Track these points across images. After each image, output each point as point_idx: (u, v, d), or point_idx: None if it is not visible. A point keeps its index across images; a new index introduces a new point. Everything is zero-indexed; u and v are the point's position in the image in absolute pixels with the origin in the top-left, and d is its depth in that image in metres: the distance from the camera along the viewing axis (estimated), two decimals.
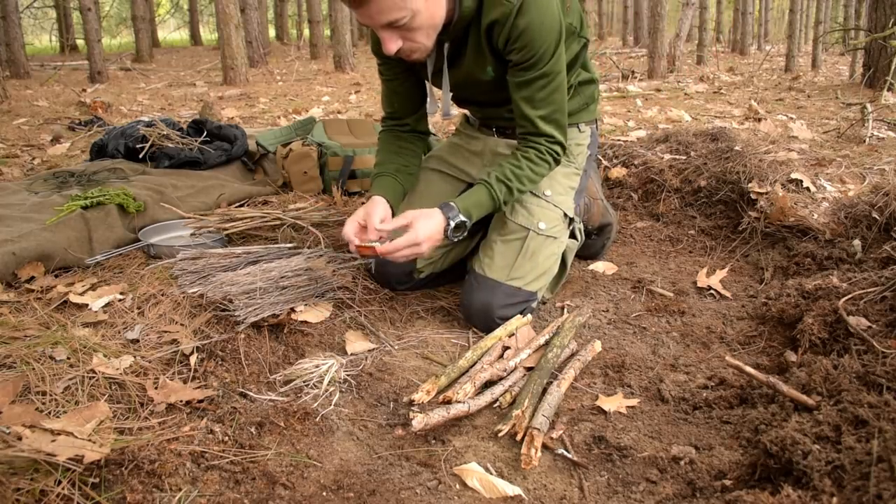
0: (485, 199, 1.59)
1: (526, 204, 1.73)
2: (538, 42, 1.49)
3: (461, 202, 1.57)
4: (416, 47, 1.46)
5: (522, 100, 1.58)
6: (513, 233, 1.71)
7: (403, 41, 1.43)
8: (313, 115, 4.16)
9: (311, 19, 12.99)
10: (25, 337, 1.35)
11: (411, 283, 1.84)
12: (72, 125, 4.12)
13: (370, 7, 1.33)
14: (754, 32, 15.12)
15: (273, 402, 1.32)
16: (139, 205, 2.07)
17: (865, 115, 3.51)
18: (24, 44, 8.87)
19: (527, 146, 1.64)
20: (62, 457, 0.98)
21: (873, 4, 5.77)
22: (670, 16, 8.79)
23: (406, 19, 1.37)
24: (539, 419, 1.23)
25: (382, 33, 1.41)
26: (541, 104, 1.58)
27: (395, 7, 1.34)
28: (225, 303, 1.52)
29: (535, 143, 1.63)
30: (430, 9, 1.40)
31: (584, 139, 1.91)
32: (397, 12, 1.35)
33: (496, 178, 1.60)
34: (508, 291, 1.66)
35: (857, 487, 0.89)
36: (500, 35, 1.50)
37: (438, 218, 1.53)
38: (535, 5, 1.46)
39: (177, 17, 25.12)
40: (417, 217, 1.51)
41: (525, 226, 1.71)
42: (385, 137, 1.84)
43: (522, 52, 1.50)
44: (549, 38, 1.50)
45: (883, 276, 1.55)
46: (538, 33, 1.48)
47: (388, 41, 1.41)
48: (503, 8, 1.46)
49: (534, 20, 1.46)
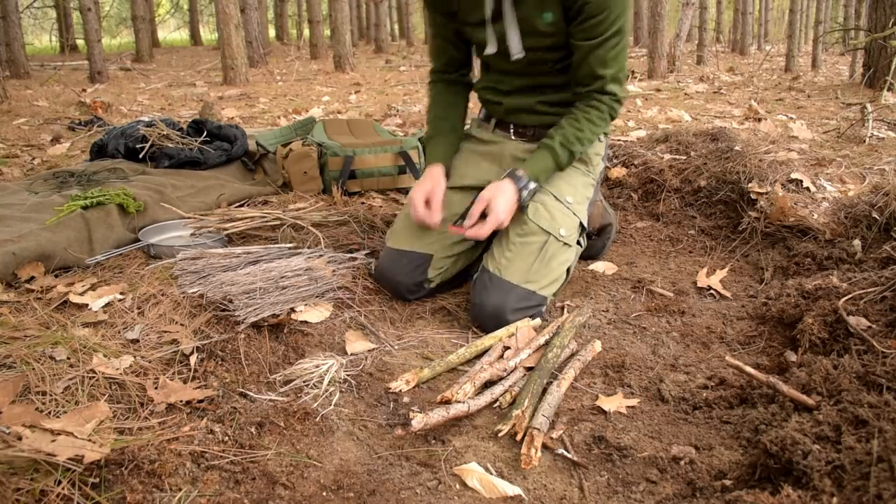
0: (550, 163, 1.66)
1: (549, 207, 1.71)
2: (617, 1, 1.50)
3: (528, 168, 1.63)
4: None
5: (594, 58, 1.58)
6: (533, 234, 1.69)
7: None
8: (313, 115, 4.16)
9: (311, 19, 13.00)
10: (25, 337, 1.35)
11: (422, 293, 1.83)
12: (72, 125, 4.12)
13: None
14: (754, 32, 15.12)
15: (273, 402, 1.32)
16: (139, 205, 2.07)
17: (865, 115, 3.51)
18: (24, 44, 8.87)
19: (589, 105, 1.65)
20: (62, 457, 0.98)
21: (873, 4, 5.77)
22: (670, 16, 8.79)
23: None
24: (539, 419, 1.23)
25: None
26: (612, 62, 1.58)
27: None
28: (225, 303, 1.52)
29: (598, 101, 1.64)
30: None
31: (602, 149, 1.92)
32: None
33: (560, 143, 1.64)
34: (523, 294, 1.65)
35: (857, 487, 0.89)
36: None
37: (511, 189, 1.61)
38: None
39: (177, 17, 25.13)
40: (494, 196, 1.58)
41: (546, 229, 1.69)
42: (437, 92, 1.89)
43: (600, 8, 1.50)
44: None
45: (883, 276, 1.55)
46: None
47: None
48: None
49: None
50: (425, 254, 1.76)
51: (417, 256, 1.76)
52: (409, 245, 1.77)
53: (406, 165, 2.59)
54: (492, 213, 1.56)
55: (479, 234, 1.59)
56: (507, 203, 1.59)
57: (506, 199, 1.59)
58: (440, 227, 1.60)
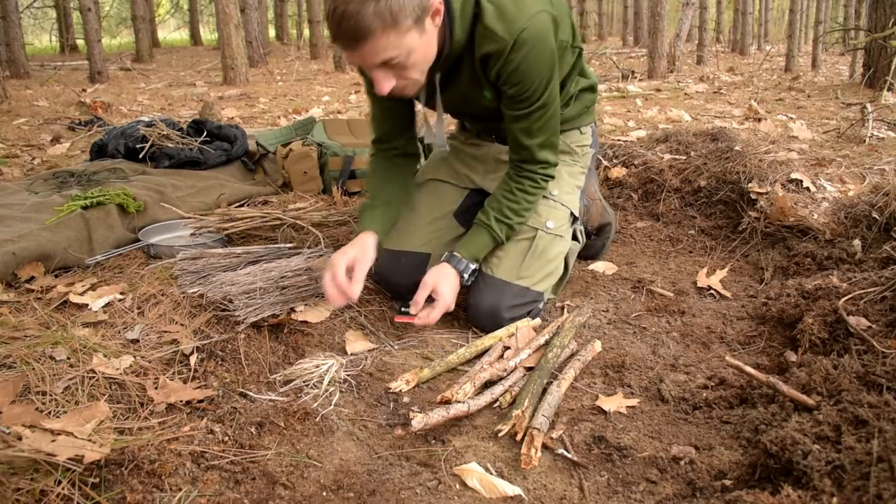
0: (487, 240, 1.66)
1: None
2: (534, 77, 1.47)
3: (465, 250, 1.64)
4: (409, 84, 1.41)
5: (519, 130, 1.58)
6: (521, 233, 1.72)
7: (397, 79, 1.38)
8: (313, 115, 4.16)
9: (311, 19, 12.99)
10: (25, 337, 1.35)
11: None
12: (72, 125, 4.12)
13: (364, 48, 1.27)
14: (754, 32, 15.12)
15: (273, 402, 1.32)
16: (139, 205, 2.07)
17: (865, 115, 3.51)
18: (24, 44, 8.87)
19: (521, 175, 1.65)
20: (62, 457, 0.98)
21: (873, 4, 5.77)
22: (670, 16, 8.79)
23: (400, 58, 1.31)
24: (539, 419, 1.23)
25: (376, 73, 1.35)
26: (537, 133, 1.58)
27: (389, 46, 1.28)
28: (225, 303, 1.52)
29: (530, 171, 1.64)
30: (423, 45, 1.35)
31: (587, 139, 1.93)
32: (392, 51, 1.29)
33: (495, 219, 1.64)
34: (517, 292, 1.66)
35: (857, 487, 0.89)
36: (494, 68, 1.47)
37: (452, 273, 1.61)
38: (530, 40, 1.43)
39: (177, 17, 25.12)
40: (438, 281, 1.58)
41: (533, 225, 1.72)
42: (376, 163, 1.79)
43: (518, 87, 1.49)
44: (544, 72, 1.48)
45: (883, 276, 1.55)
46: (534, 68, 1.46)
47: (382, 81, 1.35)
48: (497, 44, 1.43)
49: (528, 55, 1.44)
50: (423, 253, 1.77)
51: (415, 256, 1.76)
52: (406, 245, 1.78)
53: None
54: (440, 298, 1.56)
55: (429, 320, 1.56)
56: (451, 287, 1.59)
57: (449, 283, 1.59)
58: (354, 300, 1.51)
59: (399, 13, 1.25)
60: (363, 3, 1.22)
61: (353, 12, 1.22)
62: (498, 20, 1.42)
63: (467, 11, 1.43)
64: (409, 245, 1.78)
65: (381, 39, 1.26)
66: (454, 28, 1.43)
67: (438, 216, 1.83)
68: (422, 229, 1.80)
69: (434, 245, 1.79)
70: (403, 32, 1.28)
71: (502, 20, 1.42)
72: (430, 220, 1.82)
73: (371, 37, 1.25)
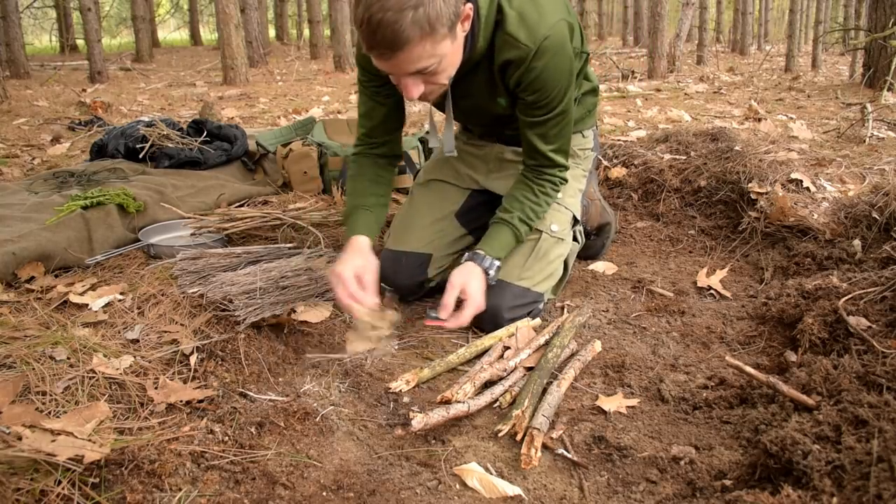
0: (511, 240, 1.65)
1: None
2: (553, 84, 1.48)
3: (490, 248, 1.62)
4: (435, 88, 1.40)
5: (536, 136, 1.59)
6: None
7: (426, 85, 1.35)
8: (313, 115, 4.16)
9: (311, 19, 13.00)
10: (25, 337, 1.35)
11: (422, 293, 1.85)
12: (72, 125, 4.11)
13: (399, 56, 1.24)
14: (754, 32, 15.12)
15: (273, 402, 1.32)
16: (139, 205, 2.07)
17: (865, 115, 3.51)
18: (24, 44, 8.87)
19: (541, 179, 1.66)
20: (62, 457, 0.98)
21: (873, 4, 5.77)
22: (670, 16, 8.79)
23: (434, 65, 1.30)
24: (539, 419, 1.23)
25: (406, 80, 1.33)
26: (554, 139, 1.60)
27: (425, 55, 1.26)
28: (225, 303, 1.52)
29: (549, 174, 1.66)
30: (454, 51, 1.34)
31: (589, 143, 1.94)
32: (427, 59, 1.27)
33: (519, 219, 1.64)
34: (518, 292, 1.67)
35: (857, 487, 0.89)
36: (514, 75, 1.48)
37: (479, 272, 1.59)
38: (552, 48, 1.44)
39: (177, 17, 25.12)
40: (466, 281, 1.56)
41: (538, 229, 1.73)
42: (360, 163, 1.73)
43: (537, 94, 1.50)
44: (563, 79, 1.50)
45: (883, 276, 1.55)
46: (554, 76, 1.47)
47: (411, 87, 1.33)
48: (519, 51, 1.43)
49: (549, 63, 1.45)
50: (424, 253, 1.77)
51: (417, 256, 1.76)
52: (407, 246, 1.78)
53: (405, 165, 2.59)
54: (470, 299, 1.54)
55: (461, 323, 1.54)
56: (480, 286, 1.57)
57: (477, 282, 1.57)
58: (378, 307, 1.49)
59: (437, 21, 1.22)
60: (401, 12, 1.17)
61: (390, 21, 1.18)
62: (521, 27, 1.43)
63: (490, 18, 1.43)
64: (410, 245, 1.78)
65: (417, 48, 1.24)
66: (478, 34, 1.43)
67: (440, 216, 1.83)
68: (423, 230, 1.80)
69: (436, 245, 1.79)
70: (440, 40, 1.26)
71: (525, 27, 1.42)
72: (431, 220, 1.82)
73: (408, 46, 1.22)
